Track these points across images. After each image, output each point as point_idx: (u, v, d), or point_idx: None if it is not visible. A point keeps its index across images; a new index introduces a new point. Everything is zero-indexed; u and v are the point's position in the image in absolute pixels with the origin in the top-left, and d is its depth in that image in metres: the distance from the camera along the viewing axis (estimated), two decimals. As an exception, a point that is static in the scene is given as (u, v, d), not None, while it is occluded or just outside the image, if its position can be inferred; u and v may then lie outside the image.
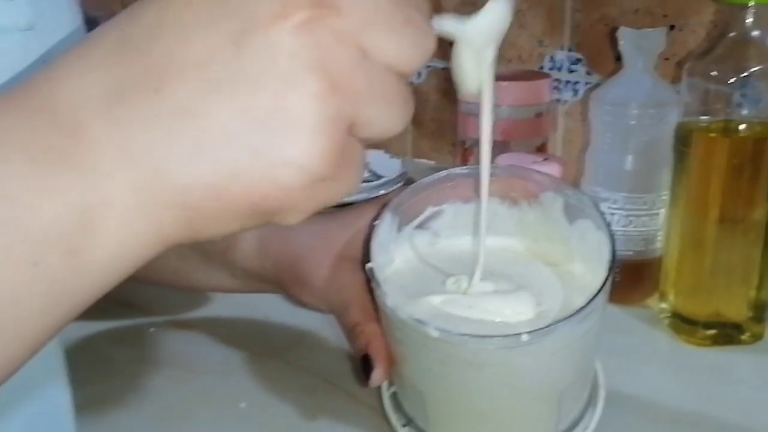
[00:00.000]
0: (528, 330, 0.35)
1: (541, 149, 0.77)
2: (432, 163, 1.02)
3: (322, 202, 0.25)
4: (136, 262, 0.24)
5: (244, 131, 0.22)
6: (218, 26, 0.23)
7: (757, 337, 0.56)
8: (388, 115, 0.25)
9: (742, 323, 0.56)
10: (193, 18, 0.23)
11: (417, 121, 1.03)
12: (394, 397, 0.45)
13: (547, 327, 0.35)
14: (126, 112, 0.22)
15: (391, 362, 0.42)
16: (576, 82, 0.88)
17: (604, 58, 0.85)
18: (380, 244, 0.40)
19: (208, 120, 0.22)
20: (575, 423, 0.42)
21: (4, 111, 0.22)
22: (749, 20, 0.51)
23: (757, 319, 0.56)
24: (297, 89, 0.22)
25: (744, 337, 0.56)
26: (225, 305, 0.61)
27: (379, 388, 0.47)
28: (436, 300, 0.39)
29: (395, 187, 0.84)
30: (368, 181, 0.86)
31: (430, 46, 0.25)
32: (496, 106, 0.35)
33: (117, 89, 0.23)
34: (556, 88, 0.88)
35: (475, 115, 0.76)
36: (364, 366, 0.42)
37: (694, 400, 0.49)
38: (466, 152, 0.77)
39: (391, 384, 0.45)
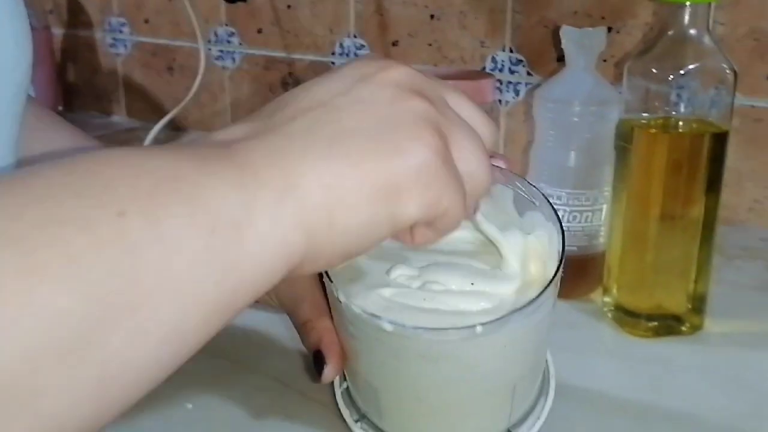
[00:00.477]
0: (482, 322, 0.35)
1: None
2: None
3: (434, 196, 0.30)
4: (284, 251, 0.27)
5: (365, 129, 0.29)
6: (337, 81, 0.31)
7: (696, 328, 0.58)
8: (474, 148, 0.32)
9: (681, 315, 0.58)
10: (315, 85, 0.32)
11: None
12: (346, 392, 0.44)
13: (501, 318, 0.35)
14: (268, 136, 0.29)
15: (344, 358, 0.42)
16: (517, 83, 0.89)
17: (545, 59, 0.87)
18: None
19: (335, 128, 0.29)
20: (527, 413, 0.42)
21: (167, 145, 0.28)
22: (686, 19, 0.53)
23: (696, 310, 0.58)
24: (404, 99, 0.30)
25: (684, 328, 0.58)
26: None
27: (331, 384, 0.47)
28: (386, 292, 0.39)
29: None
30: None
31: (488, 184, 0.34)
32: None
33: (258, 130, 0.29)
34: (497, 88, 0.89)
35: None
36: (316, 362, 0.42)
37: (639, 389, 0.51)
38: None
39: (343, 380, 0.44)
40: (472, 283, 0.39)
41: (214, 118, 1.15)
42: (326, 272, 0.37)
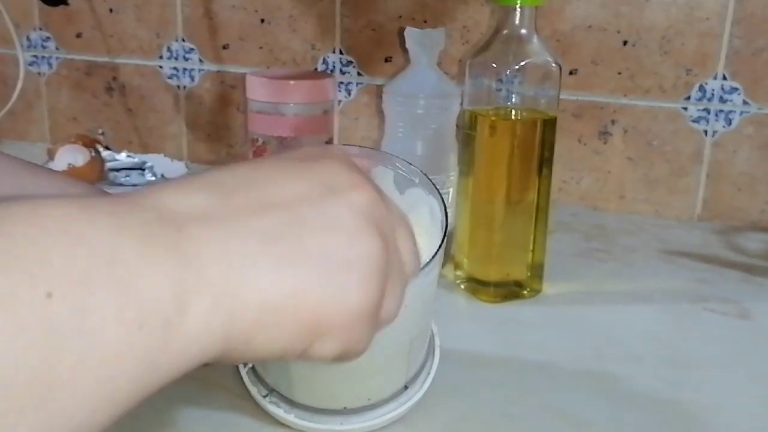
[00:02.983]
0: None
1: (329, 143, 0.82)
2: (209, 166, 1.03)
3: (353, 341, 0.30)
4: (203, 356, 0.26)
5: (324, 258, 0.28)
6: (304, 182, 0.30)
7: (537, 292, 0.66)
8: (398, 300, 0.33)
9: (524, 281, 0.66)
10: (281, 175, 0.30)
11: (193, 124, 1.03)
12: (252, 371, 0.47)
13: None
14: (224, 223, 0.27)
15: None
16: (348, 83, 0.94)
17: (374, 59, 0.93)
18: None
19: (296, 245, 0.28)
20: (420, 370, 0.47)
21: (116, 201, 0.26)
22: (517, 20, 0.61)
23: (536, 277, 0.66)
24: (367, 240, 0.30)
25: (525, 292, 0.66)
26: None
27: (229, 369, 0.49)
28: None
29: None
30: (155, 183, 0.86)
31: (422, 261, 0.37)
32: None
33: (216, 208, 0.27)
34: (332, 88, 0.93)
35: (266, 113, 0.79)
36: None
37: (498, 345, 0.57)
38: (260, 149, 0.80)
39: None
40: None
41: (29, 126, 1.10)
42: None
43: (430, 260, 0.41)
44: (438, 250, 0.42)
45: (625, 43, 0.85)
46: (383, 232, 0.31)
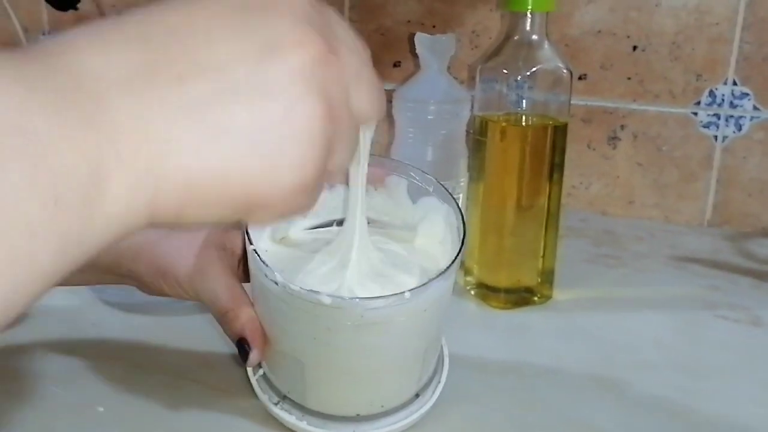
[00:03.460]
0: (409, 288, 0.39)
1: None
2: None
3: (292, 210, 0.28)
4: (126, 229, 0.25)
5: (256, 131, 0.26)
6: (242, 40, 0.26)
7: (547, 298, 0.66)
8: (349, 150, 0.31)
9: (534, 287, 0.65)
10: (218, 29, 0.26)
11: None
12: (263, 378, 0.47)
13: (425, 284, 0.40)
14: (147, 92, 0.24)
15: (266, 343, 0.44)
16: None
17: (382, 64, 0.93)
18: (253, 230, 0.42)
19: (224, 115, 0.25)
20: (432, 376, 0.47)
21: (26, 63, 0.23)
22: (528, 26, 0.61)
23: (546, 283, 0.66)
24: (306, 107, 0.27)
25: (536, 298, 0.65)
26: (45, 317, 0.59)
27: (239, 375, 0.49)
28: (310, 280, 0.42)
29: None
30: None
31: (384, 107, 0.33)
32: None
33: (139, 72, 0.24)
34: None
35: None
36: (240, 349, 0.44)
37: (508, 351, 0.57)
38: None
39: (258, 367, 0.47)
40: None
41: None
42: (259, 258, 0.40)
43: (447, 268, 0.42)
44: (455, 259, 0.42)
45: (634, 48, 0.85)
46: (328, 94, 0.27)
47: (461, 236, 0.43)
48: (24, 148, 0.21)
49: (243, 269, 0.47)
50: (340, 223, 0.47)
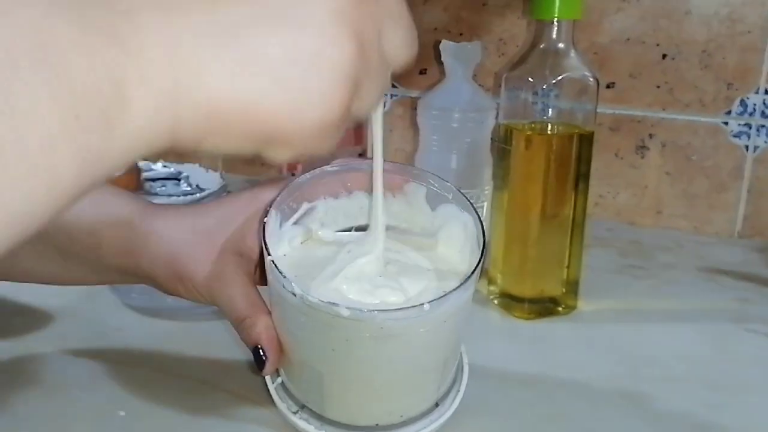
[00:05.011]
0: (428, 300, 0.39)
1: (361, 156, 0.82)
2: (244, 176, 1.04)
3: (312, 149, 0.28)
4: (147, 151, 0.24)
5: (285, 64, 0.25)
6: None
7: (571, 308, 0.65)
8: (377, 93, 0.30)
9: (558, 298, 0.65)
10: None
11: (228, 135, 1.04)
12: (281, 387, 0.46)
13: (444, 296, 0.39)
14: (179, 15, 0.24)
15: (282, 352, 0.44)
16: (392, 95, 0.94)
17: (408, 71, 0.92)
18: (271, 239, 0.42)
19: (254, 44, 0.25)
20: (451, 386, 0.47)
21: None
22: (554, 34, 0.60)
23: (571, 293, 0.65)
24: (338, 46, 0.26)
25: (560, 308, 0.65)
26: (69, 322, 0.59)
27: (260, 383, 0.49)
28: (330, 286, 0.41)
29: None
30: (191, 194, 0.86)
31: (416, 50, 0.32)
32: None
33: None
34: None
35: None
36: (256, 357, 0.44)
37: (531, 362, 0.56)
38: (291, 162, 0.80)
39: (276, 376, 0.47)
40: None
41: None
42: (277, 269, 0.40)
43: (467, 279, 0.41)
44: (475, 269, 0.42)
45: (664, 56, 0.84)
46: (361, 34, 0.27)
47: (481, 245, 0.43)
48: (46, 60, 0.21)
49: (260, 273, 0.47)
50: (359, 229, 0.47)
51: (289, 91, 0.26)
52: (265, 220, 0.43)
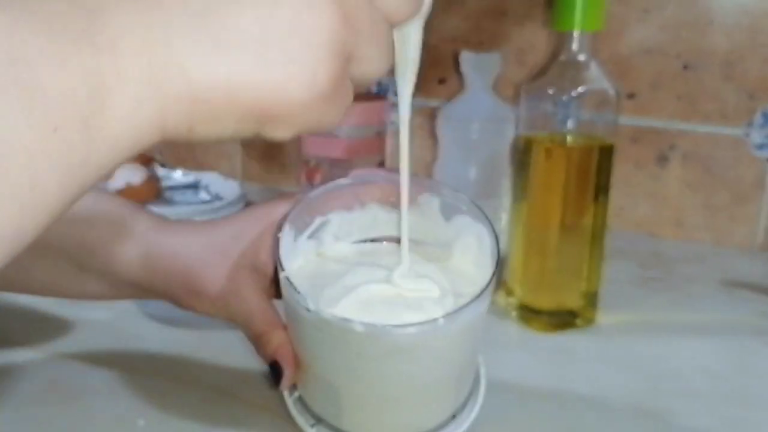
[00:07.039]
0: (442, 315, 0.39)
1: (381, 166, 0.82)
2: (263, 185, 1.04)
3: (311, 124, 0.27)
4: (137, 146, 0.24)
5: (262, 40, 0.25)
6: None
7: (589, 322, 0.64)
8: (379, 57, 0.28)
9: (577, 310, 0.64)
10: None
11: (248, 143, 1.04)
12: (299, 400, 0.46)
13: (459, 310, 0.39)
14: (150, 4, 0.23)
15: (299, 366, 0.44)
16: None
17: (427, 80, 0.93)
18: (285, 254, 0.42)
19: (229, 23, 0.24)
20: (467, 399, 0.46)
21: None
22: (575, 46, 0.60)
23: (590, 306, 0.64)
24: (315, 13, 0.25)
25: (579, 321, 0.64)
26: (88, 330, 0.60)
27: (279, 394, 0.49)
28: (344, 302, 0.41)
29: (236, 208, 0.85)
30: (209, 203, 0.87)
31: (420, 3, 0.30)
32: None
33: None
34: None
35: (320, 134, 0.79)
36: (273, 371, 0.44)
37: (549, 376, 0.56)
38: (312, 171, 0.81)
39: (294, 389, 0.47)
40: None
41: None
42: (292, 285, 0.40)
43: (481, 292, 0.41)
44: (489, 282, 0.42)
45: (685, 67, 0.84)
46: (344, 4, 0.26)
47: (495, 258, 0.43)
48: (17, 77, 0.20)
49: (275, 288, 0.47)
50: (373, 241, 0.47)
51: (270, 67, 0.25)
52: (279, 235, 0.43)
